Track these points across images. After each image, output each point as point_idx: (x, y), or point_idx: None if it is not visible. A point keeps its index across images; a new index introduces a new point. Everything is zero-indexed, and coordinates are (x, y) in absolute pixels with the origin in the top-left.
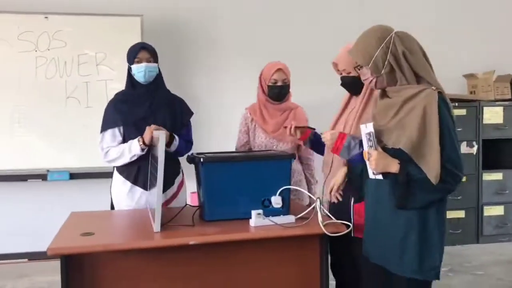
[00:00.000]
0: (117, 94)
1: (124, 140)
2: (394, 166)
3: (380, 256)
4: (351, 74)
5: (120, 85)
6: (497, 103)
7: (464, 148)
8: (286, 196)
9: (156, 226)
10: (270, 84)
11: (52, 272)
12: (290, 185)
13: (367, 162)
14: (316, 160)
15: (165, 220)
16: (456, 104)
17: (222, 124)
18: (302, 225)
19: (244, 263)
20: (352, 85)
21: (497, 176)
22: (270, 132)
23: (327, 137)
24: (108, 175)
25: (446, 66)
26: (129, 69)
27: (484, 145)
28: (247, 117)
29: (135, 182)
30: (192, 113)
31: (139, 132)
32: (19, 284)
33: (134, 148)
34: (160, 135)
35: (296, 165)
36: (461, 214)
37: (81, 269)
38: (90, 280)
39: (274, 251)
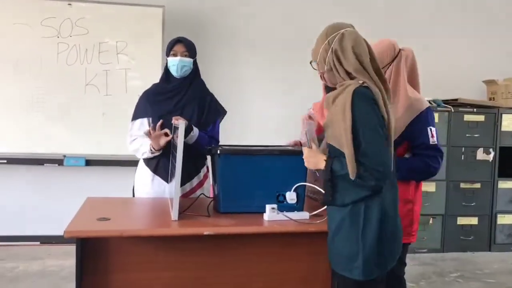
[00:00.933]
0: (152, 85)
1: None
2: (321, 163)
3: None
4: None
5: (139, 74)
6: None
7: (480, 155)
8: (301, 193)
9: (174, 215)
10: None
11: (64, 256)
12: (305, 181)
13: None
14: None
15: (181, 210)
16: (475, 110)
17: (241, 118)
18: (316, 222)
19: (255, 256)
20: None
21: None
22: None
23: None
24: (123, 163)
25: (466, 71)
26: (166, 62)
27: (501, 152)
28: (310, 111)
29: (155, 171)
30: (224, 112)
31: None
32: (31, 266)
33: (144, 149)
34: (179, 125)
35: None
36: (474, 221)
37: (96, 253)
38: (104, 264)
39: (286, 246)
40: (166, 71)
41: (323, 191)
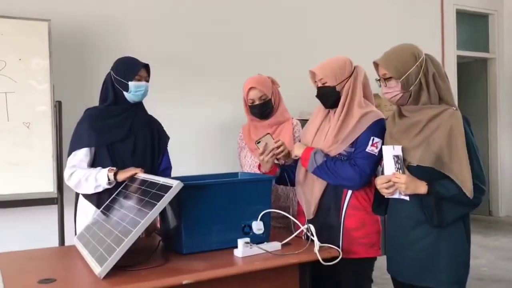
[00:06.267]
0: (91, 109)
1: (94, 162)
2: (422, 188)
3: (407, 273)
4: (326, 84)
5: (24, 98)
6: None
7: None
8: (267, 221)
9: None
10: (249, 104)
11: None
12: (270, 208)
13: (396, 185)
14: None
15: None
16: None
17: None
18: (295, 253)
19: None
20: (327, 96)
21: None
22: (253, 150)
23: (295, 148)
24: (9, 204)
25: None
26: (116, 83)
27: None
28: (240, 136)
29: (98, 205)
30: (168, 138)
31: (112, 155)
32: None
33: (100, 178)
34: (175, 186)
35: (284, 189)
36: None
37: None
38: None
39: (258, 282)
40: (114, 92)
41: (290, 216)
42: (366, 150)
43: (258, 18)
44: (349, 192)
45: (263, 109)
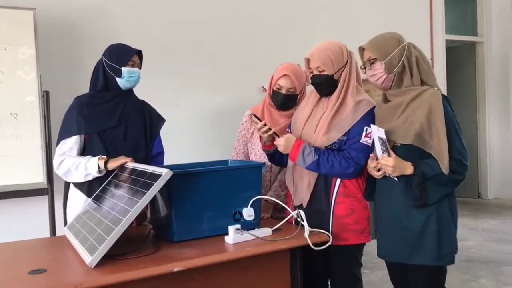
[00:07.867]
0: (81, 97)
1: (84, 151)
2: (409, 169)
3: (396, 254)
4: (324, 73)
5: (9, 89)
6: None
7: None
8: (257, 208)
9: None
10: (274, 89)
11: None
12: (261, 194)
13: (384, 168)
14: None
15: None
16: None
17: None
18: (285, 238)
19: (224, 285)
20: (324, 84)
21: None
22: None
23: (281, 143)
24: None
25: None
26: (108, 69)
27: None
28: (248, 119)
29: (89, 194)
30: (163, 120)
31: (103, 143)
32: None
33: (90, 166)
34: (164, 174)
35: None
36: None
37: None
38: None
39: (250, 268)
40: (105, 79)
41: (279, 202)
42: (360, 141)
43: (247, 3)
44: (338, 179)
45: (285, 100)
